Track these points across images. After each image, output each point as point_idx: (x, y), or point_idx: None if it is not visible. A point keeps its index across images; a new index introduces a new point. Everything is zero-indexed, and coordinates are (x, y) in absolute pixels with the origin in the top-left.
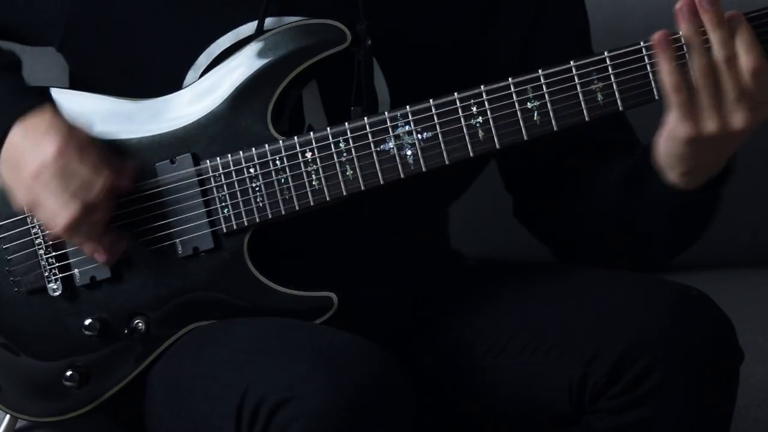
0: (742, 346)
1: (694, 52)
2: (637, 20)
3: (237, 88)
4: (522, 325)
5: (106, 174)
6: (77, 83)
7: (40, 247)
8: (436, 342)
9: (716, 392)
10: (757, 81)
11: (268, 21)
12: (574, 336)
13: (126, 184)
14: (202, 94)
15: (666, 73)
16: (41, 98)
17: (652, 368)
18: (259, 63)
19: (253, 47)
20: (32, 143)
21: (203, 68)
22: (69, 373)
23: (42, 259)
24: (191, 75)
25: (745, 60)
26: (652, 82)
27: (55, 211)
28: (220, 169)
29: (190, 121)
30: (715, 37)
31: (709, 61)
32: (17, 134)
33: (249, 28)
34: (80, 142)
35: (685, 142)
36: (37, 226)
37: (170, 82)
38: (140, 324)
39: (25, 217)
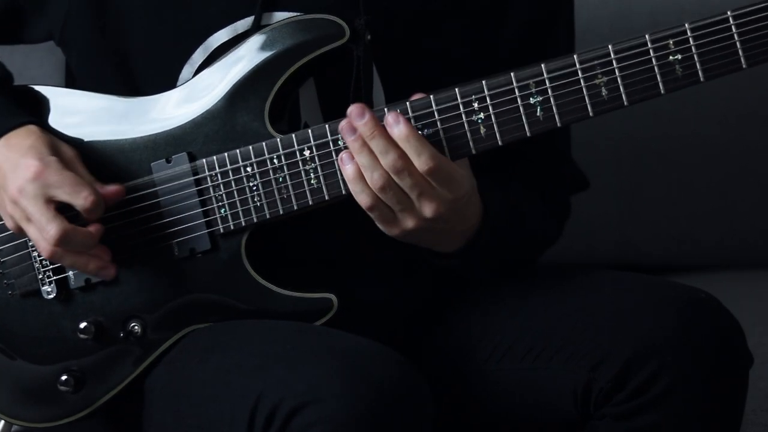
0: (751, 350)
1: (365, 169)
2: (643, 17)
3: (234, 85)
4: (526, 328)
5: (85, 194)
6: (75, 78)
7: (33, 249)
8: (438, 345)
9: (725, 397)
10: (434, 179)
11: (266, 16)
12: (579, 340)
13: (113, 196)
14: (198, 92)
15: (358, 193)
16: (28, 118)
17: (659, 373)
18: (256, 59)
19: (250, 43)
20: (12, 164)
21: (199, 63)
22: (64, 377)
23: (36, 262)
24: (187, 70)
25: (419, 164)
26: (658, 77)
27: (37, 234)
28: (216, 167)
29: (186, 120)
30: (374, 147)
31: (381, 173)
32: (0, 153)
33: (246, 22)
34: (61, 163)
35: (401, 237)
36: None
37: (165, 77)
38: (136, 327)
39: None
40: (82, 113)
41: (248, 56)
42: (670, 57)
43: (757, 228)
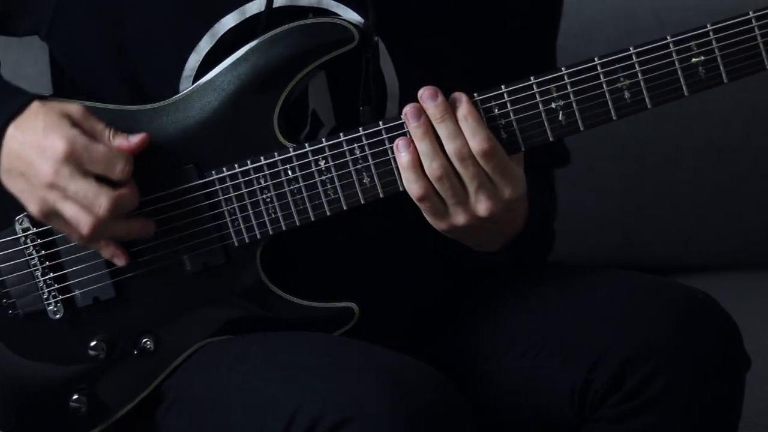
0: (754, 351)
1: (425, 157)
2: (648, 16)
3: (239, 92)
4: (525, 327)
5: (120, 167)
6: (63, 77)
7: (35, 268)
8: (437, 346)
9: (721, 399)
10: (488, 163)
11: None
12: (577, 340)
13: (142, 146)
14: (200, 99)
15: (411, 182)
16: (27, 97)
17: (655, 374)
18: (262, 65)
19: (254, 48)
20: (36, 149)
21: (206, 51)
22: (75, 396)
23: (39, 281)
24: (193, 58)
25: (473, 144)
26: (681, 79)
27: (79, 212)
28: (228, 180)
29: (190, 128)
30: (442, 131)
31: (441, 162)
32: (15, 139)
33: (256, 5)
34: (82, 129)
35: (447, 232)
36: (32, 247)
37: (170, 66)
38: (149, 343)
39: (18, 238)
40: None
41: (253, 61)
42: (693, 59)
43: (760, 229)
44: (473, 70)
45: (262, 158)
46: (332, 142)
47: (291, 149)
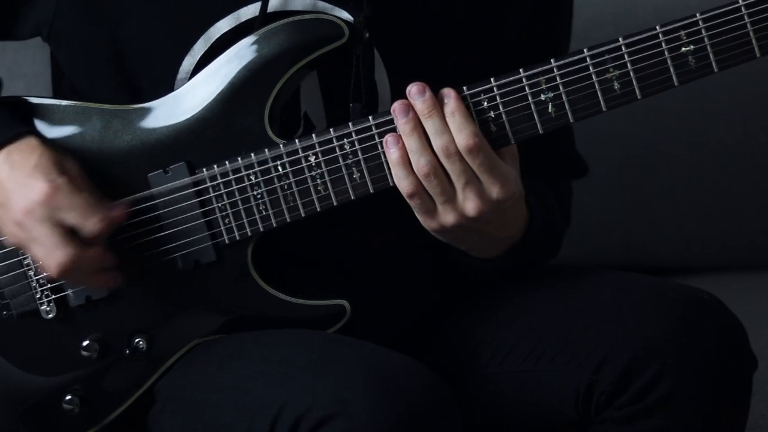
0: (756, 352)
1: (412, 153)
2: (648, 15)
3: (230, 89)
4: (528, 329)
5: (94, 220)
6: (63, 74)
7: (29, 268)
8: (439, 348)
9: (728, 401)
10: (474, 160)
11: (272, 3)
12: (581, 341)
13: (121, 218)
14: (192, 96)
15: (401, 179)
16: (25, 128)
17: (660, 376)
18: (253, 62)
19: (245, 45)
20: (17, 183)
21: (200, 54)
22: (68, 397)
23: (32, 281)
24: (187, 62)
25: (459, 140)
26: (671, 69)
27: (44, 257)
28: (219, 177)
29: (181, 126)
30: (429, 127)
31: (429, 158)
32: (2, 170)
33: (251, 10)
34: (71, 179)
35: (438, 233)
36: None
37: (165, 69)
38: (141, 342)
39: None
40: (71, 125)
41: (244, 58)
42: (683, 48)
43: (761, 229)
44: (471, 76)
45: (252, 155)
46: (322, 138)
47: (281, 145)
